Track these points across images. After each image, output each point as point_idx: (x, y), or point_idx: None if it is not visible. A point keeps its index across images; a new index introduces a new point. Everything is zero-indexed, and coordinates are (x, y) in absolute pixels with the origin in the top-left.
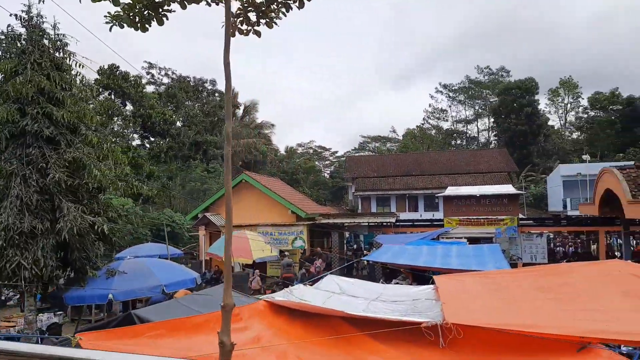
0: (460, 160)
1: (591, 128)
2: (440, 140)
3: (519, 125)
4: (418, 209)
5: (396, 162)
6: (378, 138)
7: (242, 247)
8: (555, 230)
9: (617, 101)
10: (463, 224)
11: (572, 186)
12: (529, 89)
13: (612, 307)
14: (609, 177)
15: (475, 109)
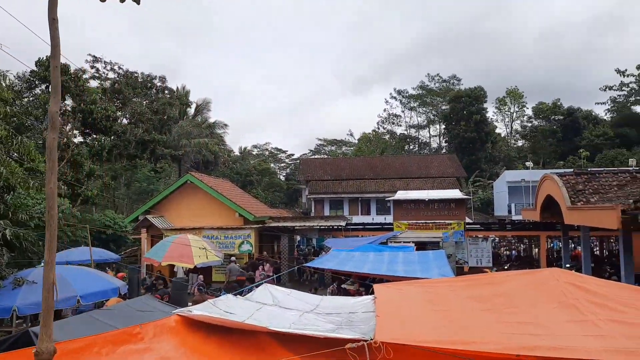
0: (412, 164)
1: (534, 136)
2: (394, 145)
3: (468, 132)
4: (370, 212)
5: (350, 166)
6: (334, 141)
7: (184, 252)
8: (501, 234)
9: (559, 111)
10: (412, 228)
11: (517, 192)
12: (478, 97)
13: (548, 320)
14: (549, 183)
15: (427, 116)
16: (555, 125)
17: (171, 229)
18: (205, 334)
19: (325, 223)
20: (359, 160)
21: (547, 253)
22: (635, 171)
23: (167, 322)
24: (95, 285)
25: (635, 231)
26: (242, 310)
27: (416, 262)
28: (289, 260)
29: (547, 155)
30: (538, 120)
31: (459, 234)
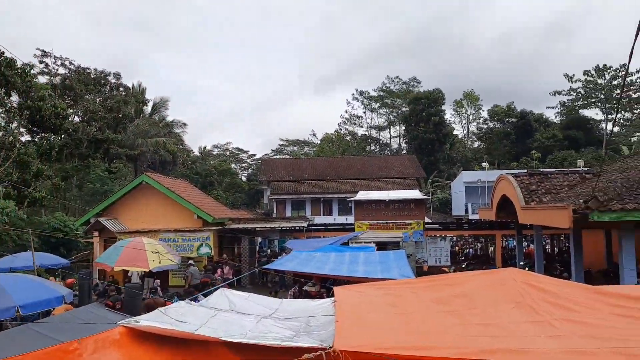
0: (373, 165)
1: (490, 138)
2: (356, 145)
3: (427, 133)
4: (332, 212)
5: (312, 166)
6: (296, 142)
7: (138, 256)
8: (458, 233)
9: (512, 114)
10: (373, 228)
11: (474, 192)
12: (437, 99)
13: (506, 321)
14: (505, 184)
15: (388, 117)
16: (509, 127)
17: (125, 232)
18: (154, 346)
19: (287, 224)
20: (321, 160)
21: (502, 251)
22: (584, 172)
23: (110, 335)
24: (37, 294)
25: (585, 229)
26: (195, 318)
27: (377, 263)
28: (250, 263)
29: (501, 157)
30: (493, 123)
31: (419, 233)
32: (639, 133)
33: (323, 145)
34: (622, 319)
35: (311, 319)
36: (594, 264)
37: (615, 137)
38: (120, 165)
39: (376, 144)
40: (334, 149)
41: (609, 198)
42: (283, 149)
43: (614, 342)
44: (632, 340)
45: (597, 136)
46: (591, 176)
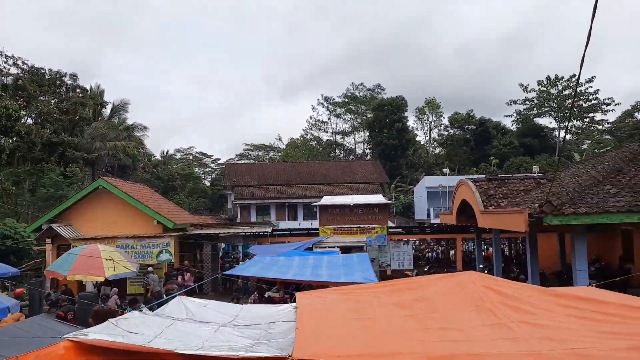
0: (338, 170)
1: (450, 144)
2: (321, 150)
3: (390, 139)
4: (297, 217)
5: (277, 171)
6: (262, 147)
7: (93, 264)
8: (421, 237)
9: (472, 121)
10: (337, 233)
11: (435, 196)
12: (400, 106)
13: (466, 325)
14: (464, 189)
15: (352, 123)
16: (468, 134)
17: (80, 239)
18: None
19: (251, 229)
20: (286, 165)
21: (463, 254)
22: (539, 177)
23: (54, 350)
24: None
25: (540, 232)
26: (149, 328)
27: (340, 266)
28: (212, 269)
29: (461, 162)
30: (453, 129)
31: (382, 237)
32: (589, 141)
33: (289, 150)
34: (576, 320)
35: (272, 325)
36: (549, 266)
37: (568, 145)
38: (76, 170)
39: (341, 149)
40: (300, 154)
41: (562, 202)
42: (248, 154)
43: (569, 343)
44: (585, 341)
45: (551, 143)
46: (545, 181)
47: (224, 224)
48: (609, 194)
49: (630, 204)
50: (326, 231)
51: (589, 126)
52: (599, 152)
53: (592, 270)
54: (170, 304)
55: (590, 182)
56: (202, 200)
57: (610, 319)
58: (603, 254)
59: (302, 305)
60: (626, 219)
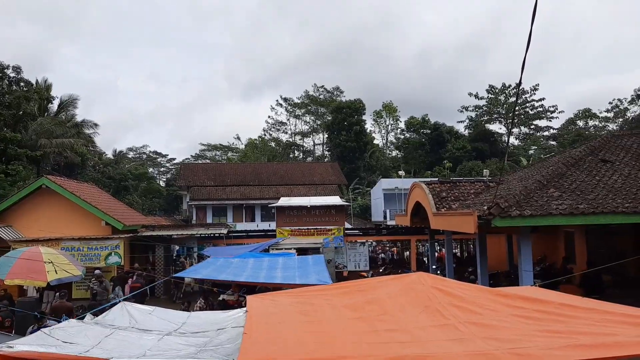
0: (297, 171)
1: (406, 147)
2: (280, 151)
3: (348, 141)
4: (255, 219)
5: (234, 172)
6: (219, 147)
7: (33, 267)
8: (377, 239)
9: (427, 126)
10: (294, 234)
11: (391, 198)
12: (358, 109)
13: (415, 326)
14: (418, 191)
15: (311, 124)
16: (423, 138)
17: (21, 241)
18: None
19: (206, 231)
20: (244, 166)
21: (417, 255)
22: (489, 181)
23: None
24: None
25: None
26: (86, 338)
27: (295, 268)
28: (165, 273)
29: (417, 165)
30: (410, 133)
31: (339, 239)
32: (535, 146)
33: (247, 150)
34: (520, 320)
35: (220, 332)
36: (498, 267)
37: (515, 150)
38: (19, 168)
39: (300, 150)
40: (258, 154)
41: (509, 205)
42: (205, 154)
43: (512, 342)
44: (527, 340)
45: (501, 148)
46: (494, 185)
47: (178, 226)
48: (552, 197)
49: (572, 206)
50: (283, 233)
51: (534, 132)
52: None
53: (537, 270)
54: (112, 311)
55: (535, 185)
56: (156, 201)
57: (551, 318)
58: (548, 254)
59: (252, 309)
60: (567, 221)
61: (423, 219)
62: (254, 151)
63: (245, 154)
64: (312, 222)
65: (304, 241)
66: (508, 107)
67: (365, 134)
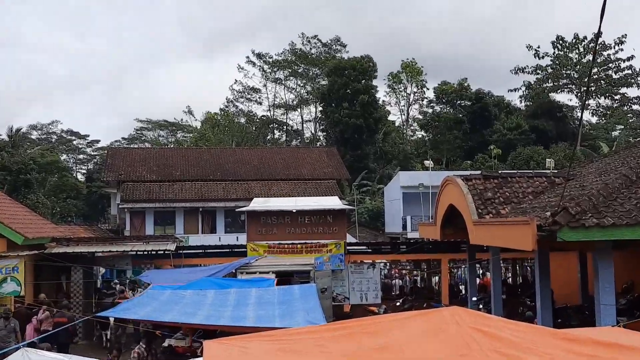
0: (277, 160)
1: (436, 127)
2: (253, 132)
3: (352, 117)
4: (216, 229)
5: (187, 161)
6: (164, 124)
7: None
8: (393, 258)
9: (466, 95)
10: (273, 252)
11: (414, 200)
12: (366, 70)
13: None
14: (452, 189)
15: (299, 92)
16: (461, 112)
17: None
18: None
19: (145, 247)
20: (202, 152)
21: (450, 282)
22: (554, 175)
23: None
24: None
25: (554, 251)
26: None
27: (275, 304)
28: (84, 306)
29: (451, 152)
30: (441, 106)
31: (338, 259)
32: (621, 126)
33: (205, 129)
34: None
35: None
36: (566, 298)
37: (592, 131)
38: None
39: (282, 130)
40: (221, 135)
41: (582, 210)
42: (143, 135)
43: None
44: None
45: (571, 128)
46: (562, 181)
47: (105, 239)
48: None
49: None
50: (257, 249)
51: (620, 106)
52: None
53: (623, 304)
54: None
55: (621, 182)
56: (72, 202)
57: None
58: (638, 281)
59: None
60: None
61: (459, 230)
62: (214, 131)
63: (203, 135)
64: (299, 235)
65: (288, 262)
66: (582, 69)
67: (376, 106)
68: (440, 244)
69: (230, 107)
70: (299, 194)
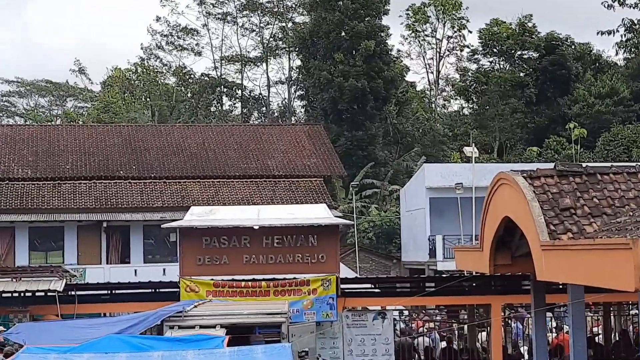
0: (230, 146)
1: (484, 93)
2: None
3: (350, 77)
4: (131, 256)
5: (83, 147)
6: (46, 87)
7: None
8: (414, 303)
9: (531, 41)
10: (222, 293)
11: (447, 210)
12: (372, 2)
13: None
14: (509, 193)
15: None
16: (523, 70)
17: None
18: None
19: (14, 286)
20: (106, 133)
21: (504, 341)
22: None
23: None
24: None
25: None
26: None
27: None
28: None
29: (507, 133)
30: (491, 59)
31: (327, 304)
32: None
33: (110, 95)
34: None
35: None
36: None
37: None
38: None
39: (235, 97)
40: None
41: None
42: (11, 104)
43: None
44: None
45: None
46: None
47: None
48: None
49: None
50: (196, 289)
51: None
52: None
53: None
54: None
55: None
56: None
57: None
58: None
59: None
60: None
61: (519, 259)
62: (124, 98)
63: (107, 104)
64: (264, 266)
65: (246, 310)
66: None
67: (388, 59)
68: (489, 281)
69: (150, 60)
70: (264, 201)
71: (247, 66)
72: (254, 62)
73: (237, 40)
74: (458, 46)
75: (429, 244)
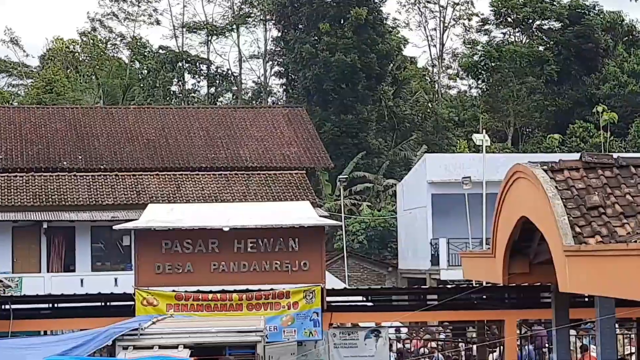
0: (194, 132)
1: (497, 70)
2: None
3: (338, 50)
4: (76, 263)
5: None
6: None
7: None
8: (413, 319)
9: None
10: (186, 307)
11: (453, 208)
12: None
13: None
14: (526, 189)
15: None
16: (543, 43)
17: None
18: None
19: None
20: (46, 116)
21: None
22: None
23: None
24: None
25: None
26: None
27: None
28: None
29: (524, 118)
30: (505, 30)
31: (309, 319)
32: None
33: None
34: None
35: None
36: None
37: None
38: None
39: (200, 74)
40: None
41: None
42: None
43: None
44: None
45: None
46: None
47: None
48: None
49: None
50: (154, 302)
51: None
52: None
53: None
54: None
55: None
56: None
57: None
58: None
59: None
60: None
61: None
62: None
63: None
64: (235, 274)
65: (214, 327)
66: None
67: (382, 30)
68: (503, 293)
69: (98, 30)
70: (235, 197)
71: (214, 37)
72: (222, 32)
73: (201, 5)
74: (465, 15)
75: (430, 249)
